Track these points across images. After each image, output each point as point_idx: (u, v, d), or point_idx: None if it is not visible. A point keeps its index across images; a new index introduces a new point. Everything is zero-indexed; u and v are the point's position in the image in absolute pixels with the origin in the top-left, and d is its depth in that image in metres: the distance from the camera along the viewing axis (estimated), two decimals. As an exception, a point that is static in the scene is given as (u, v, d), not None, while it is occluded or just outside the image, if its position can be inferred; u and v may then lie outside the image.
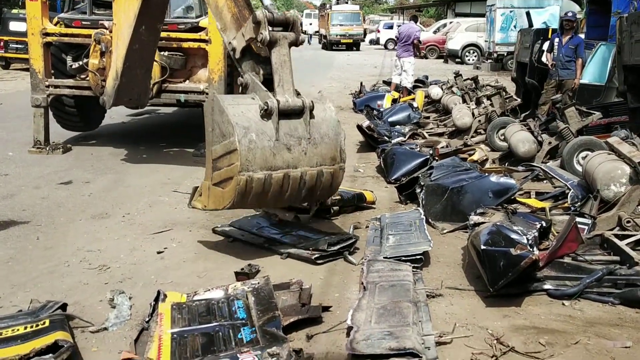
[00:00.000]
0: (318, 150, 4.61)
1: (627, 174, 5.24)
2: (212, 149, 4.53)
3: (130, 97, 7.68)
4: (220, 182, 4.49)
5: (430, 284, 4.19)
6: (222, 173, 4.43)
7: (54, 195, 6.35)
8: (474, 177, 5.88)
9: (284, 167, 4.44)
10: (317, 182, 4.66)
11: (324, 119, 4.71)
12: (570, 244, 4.38)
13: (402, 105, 11.84)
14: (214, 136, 4.50)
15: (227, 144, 4.33)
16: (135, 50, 7.02)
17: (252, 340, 3.27)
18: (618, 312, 3.83)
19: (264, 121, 4.40)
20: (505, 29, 24.30)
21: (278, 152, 4.41)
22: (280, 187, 4.48)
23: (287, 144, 4.46)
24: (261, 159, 4.33)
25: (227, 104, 4.38)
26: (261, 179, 4.34)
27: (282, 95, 4.53)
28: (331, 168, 4.70)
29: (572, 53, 10.08)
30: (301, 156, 4.52)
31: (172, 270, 4.49)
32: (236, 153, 4.25)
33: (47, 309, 3.57)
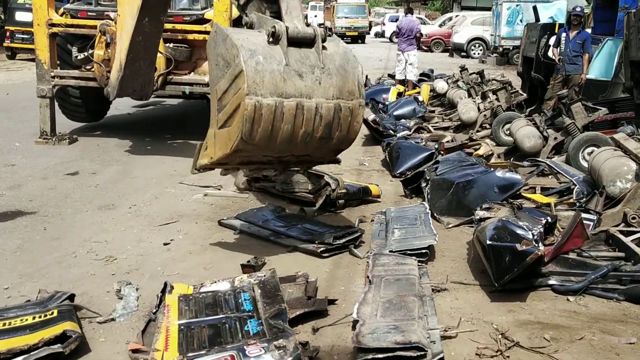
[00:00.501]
0: (334, 81, 4.13)
1: (633, 170, 5.25)
2: (217, 87, 4.14)
3: (134, 89, 7.70)
4: (226, 121, 4.09)
5: (435, 278, 4.21)
6: (228, 108, 4.03)
7: (61, 186, 6.37)
8: (480, 172, 5.88)
9: (296, 96, 3.97)
10: (334, 118, 4.16)
11: (337, 52, 4.27)
12: (575, 239, 4.39)
13: (408, 99, 11.82)
14: (218, 70, 4.09)
15: (231, 70, 3.91)
16: (138, 42, 7.03)
17: (258, 332, 3.28)
18: (623, 308, 3.84)
19: (271, 46, 3.99)
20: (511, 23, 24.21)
21: (289, 77, 3.95)
22: (294, 120, 4.00)
23: (298, 71, 3.99)
24: (270, 83, 3.88)
25: (230, 31, 4.05)
26: (271, 105, 3.88)
27: (290, 22, 4.10)
28: (349, 103, 4.19)
29: (579, 48, 10.06)
30: (315, 85, 4.04)
31: (179, 261, 4.51)
32: (242, 75, 3.81)
33: (55, 299, 3.60)
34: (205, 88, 8.37)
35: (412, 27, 14.09)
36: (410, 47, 14.08)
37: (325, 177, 5.73)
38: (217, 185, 6.46)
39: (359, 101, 4.26)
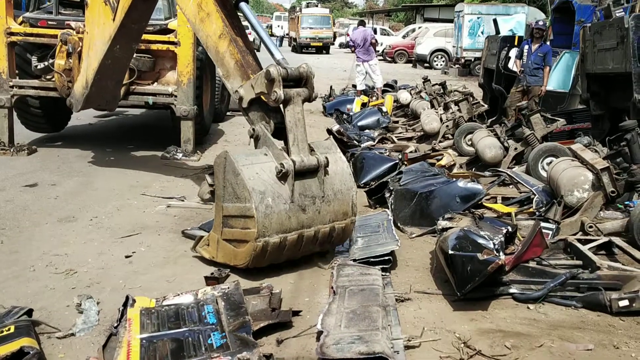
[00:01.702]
0: (331, 207, 4.52)
1: (589, 180, 5.39)
2: (224, 205, 4.38)
3: (99, 104, 7.63)
4: (232, 240, 4.40)
5: (399, 288, 4.24)
6: (236, 233, 4.34)
7: (19, 198, 6.23)
8: (442, 182, 5.96)
9: (298, 228, 4.35)
10: (329, 237, 4.60)
11: (336, 172, 4.60)
12: (535, 248, 4.48)
13: (372, 109, 11.94)
14: (226, 194, 4.36)
15: (242, 208, 4.22)
16: (107, 65, 6.96)
17: (222, 345, 3.26)
18: (580, 315, 3.93)
19: (279, 183, 4.29)
20: (472, 35, 24.70)
21: (293, 214, 4.31)
22: (294, 247, 4.41)
23: (301, 205, 4.35)
24: (277, 223, 4.23)
25: (241, 165, 4.24)
26: (277, 242, 4.25)
27: (297, 155, 4.39)
28: (343, 223, 4.61)
29: (540, 61, 10.34)
30: (315, 215, 4.43)
31: (141, 274, 4.45)
32: (253, 220, 4.14)
33: (12, 315, 3.51)
34: (169, 98, 8.32)
35: (366, 36, 14.24)
36: (368, 56, 14.22)
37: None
38: (181, 197, 6.40)
39: (352, 219, 4.69)
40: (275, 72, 4.44)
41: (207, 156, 8.57)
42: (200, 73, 8.76)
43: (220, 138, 10.19)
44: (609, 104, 7.96)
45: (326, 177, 4.52)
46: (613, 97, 7.82)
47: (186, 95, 8.26)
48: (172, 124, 8.98)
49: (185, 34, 8.12)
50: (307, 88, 4.67)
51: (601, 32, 7.61)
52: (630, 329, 3.74)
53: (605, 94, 7.95)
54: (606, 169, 5.27)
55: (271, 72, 4.44)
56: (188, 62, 8.21)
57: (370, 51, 14.25)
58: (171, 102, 8.34)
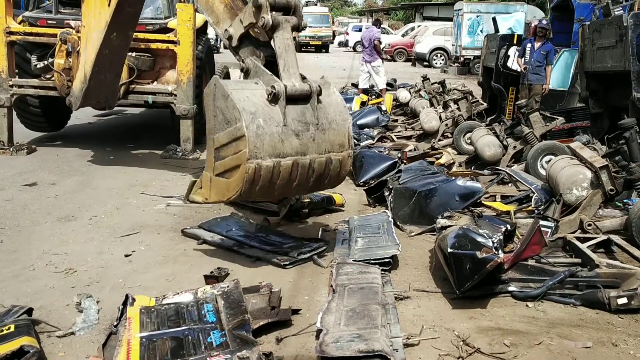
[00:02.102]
0: (326, 136, 4.40)
1: (588, 178, 5.39)
2: (215, 137, 4.29)
3: (98, 100, 7.62)
4: (224, 172, 4.28)
5: (398, 287, 4.25)
6: (227, 162, 4.21)
7: (19, 198, 6.23)
8: (441, 180, 5.97)
9: (292, 154, 4.23)
10: (325, 170, 4.47)
11: (330, 103, 4.51)
12: (534, 246, 4.50)
13: (371, 108, 11.92)
14: (217, 123, 4.26)
15: (232, 130, 4.11)
16: (105, 55, 6.96)
17: (221, 344, 3.27)
18: (579, 313, 3.94)
19: (271, 106, 4.19)
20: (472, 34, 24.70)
21: (286, 138, 4.20)
22: (289, 175, 4.27)
23: (295, 130, 4.24)
24: (270, 146, 4.11)
25: (231, 89, 4.15)
26: (270, 166, 4.12)
27: (288, 80, 4.31)
28: (339, 155, 4.49)
29: (542, 59, 10.39)
30: (309, 143, 4.31)
31: (141, 273, 4.46)
32: (244, 139, 4.03)
33: (12, 314, 3.52)
34: (169, 97, 8.33)
35: (370, 37, 14.22)
36: (370, 57, 14.20)
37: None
38: (180, 196, 6.40)
39: (348, 152, 4.56)
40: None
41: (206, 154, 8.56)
42: (200, 72, 8.76)
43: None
44: (607, 102, 7.96)
45: (320, 105, 4.41)
46: (612, 95, 7.82)
47: (186, 94, 8.27)
48: (171, 123, 8.99)
49: (184, 33, 8.12)
50: (295, 16, 4.61)
51: (600, 30, 7.61)
52: (629, 327, 3.75)
53: (604, 92, 7.95)
54: (605, 167, 5.28)
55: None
56: (188, 61, 8.21)
57: (373, 52, 14.21)
58: (171, 101, 8.35)
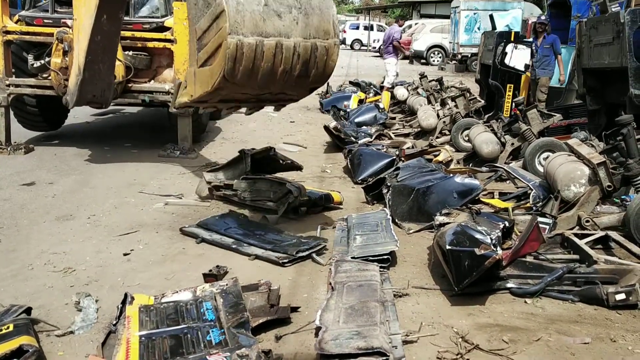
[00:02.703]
0: (310, 20, 4.29)
1: (586, 175, 5.40)
2: (196, 27, 4.25)
3: (94, 94, 7.55)
4: (207, 60, 4.22)
5: (397, 284, 4.25)
6: (209, 46, 4.15)
7: (17, 197, 6.23)
8: (439, 178, 5.97)
9: (275, 35, 4.13)
10: (311, 56, 4.34)
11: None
12: (532, 243, 4.50)
13: (369, 106, 11.95)
14: (197, 10, 4.22)
15: (212, 10, 4.06)
16: (97, 42, 6.93)
17: (221, 342, 3.27)
18: (578, 309, 3.94)
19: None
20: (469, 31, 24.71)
21: (268, 17, 4.10)
22: (273, 58, 4.16)
23: (277, 11, 4.15)
24: (251, 23, 4.03)
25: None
26: (252, 44, 4.03)
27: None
28: (325, 42, 4.37)
29: (549, 51, 10.56)
30: (293, 25, 4.21)
31: (139, 272, 4.46)
32: (224, 15, 3.96)
33: (11, 313, 3.52)
34: (166, 96, 8.32)
35: (390, 35, 14.46)
36: (386, 55, 14.45)
37: (287, 185, 5.75)
38: (178, 194, 6.41)
39: (334, 40, 4.43)
40: None
41: (204, 154, 8.58)
42: (197, 71, 8.74)
43: (217, 135, 10.19)
44: (605, 98, 7.97)
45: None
46: (609, 91, 7.83)
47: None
48: (169, 122, 8.99)
49: (181, 32, 8.09)
50: None
51: (597, 27, 7.62)
52: (627, 322, 3.75)
53: (601, 88, 7.97)
54: (602, 164, 5.28)
55: None
56: (185, 59, 8.16)
57: (390, 50, 14.42)
58: (168, 99, 8.33)
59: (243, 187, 5.98)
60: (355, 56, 33.59)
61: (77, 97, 7.35)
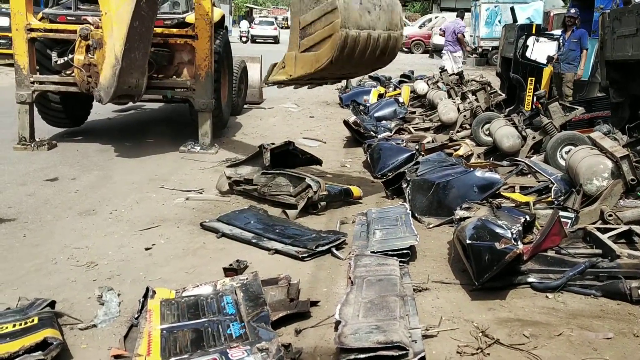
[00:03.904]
0: (387, 16, 5.33)
1: (609, 168, 5.33)
2: (300, 18, 5.20)
3: (130, 84, 7.60)
4: (312, 46, 5.15)
5: (416, 278, 4.25)
6: (317, 35, 5.09)
7: (40, 192, 6.32)
8: (460, 172, 5.94)
9: (367, 28, 5.15)
10: (387, 45, 5.40)
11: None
12: (553, 237, 4.45)
13: (388, 100, 11.90)
14: (303, 5, 5.18)
15: (324, 7, 5.02)
16: (135, 28, 7.07)
17: (241, 335, 3.30)
18: (600, 304, 3.90)
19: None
20: (490, 24, 24.48)
21: (363, 13, 5.12)
22: (365, 46, 5.16)
23: (367, 8, 5.17)
24: (353, 18, 5.03)
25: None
26: (355, 36, 5.01)
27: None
28: (396, 33, 5.44)
29: (576, 46, 10.43)
30: (376, 19, 5.24)
31: (161, 266, 4.50)
32: (336, 12, 4.92)
33: (36, 307, 3.57)
34: (187, 92, 8.38)
35: (454, 29, 14.70)
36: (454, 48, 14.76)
37: (307, 180, 5.76)
38: (199, 189, 6.45)
39: (400, 32, 5.53)
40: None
41: (224, 149, 8.62)
42: (218, 66, 8.80)
43: (238, 131, 10.24)
44: (628, 91, 7.84)
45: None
46: (633, 84, 7.70)
47: (204, 88, 8.31)
48: (190, 118, 9.05)
49: (202, 28, 8.16)
50: None
51: (620, 18, 7.49)
52: (651, 318, 3.71)
53: (624, 81, 7.84)
54: (626, 157, 5.21)
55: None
56: (206, 55, 8.25)
57: (456, 44, 14.78)
58: (189, 95, 8.39)
59: (263, 182, 6.01)
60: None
61: (114, 89, 7.37)
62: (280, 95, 13.87)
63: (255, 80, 13.05)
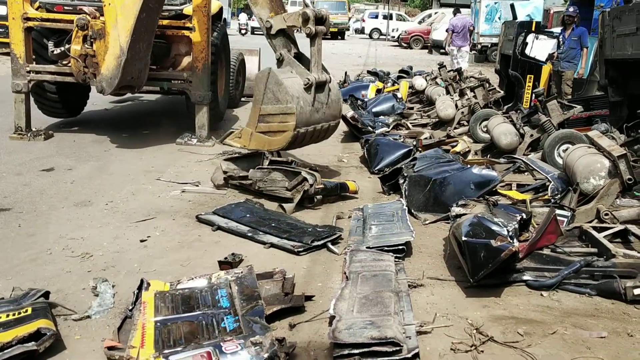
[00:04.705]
0: (330, 111, 6.40)
1: (606, 167, 5.33)
2: (262, 106, 5.97)
3: (132, 75, 7.57)
4: (267, 132, 6.01)
5: (412, 274, 4.25)
6: (273, 126, 5.97)
7: (36, 182, 6.30)
8: (457, 168, 5.94)
9: (314, 123, 6.17)
10: (327, 131, 6.59)
11: (333, 87, 6.47)
12: (549, 235, 4.45)
13: (386, 95, 11.88)
14: (266, 98, 5.92)
15: (282, 107, 5.87)
16: (142, 20, 7.07)
17: (235, 329, 3.29)
18: (595, 303, 3.91)
19: (306, 93, 6.02)
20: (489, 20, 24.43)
21: (312, 114, 6.10)
22: (311, 135, 6.24)
23: (317, 108, 6.16)
24: (305, 119, 5.99)
25: (283, 78, 5.89)
26: (304, 132, 6.03)
27: (316, 73, 6.14)
28: (334, 122, 6.61)
29: (576, 44, 10.40)
30: (322, 116, 6.28)
31: (156, 258, 4.49)
32: (293, 116, 5.84)
33: (30, 297, 3.56)
34: (184, 84, 8.34)
35: (466, 24, 15.24)
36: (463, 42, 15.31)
37: (303, 173, 5.75)
38: (195, 182, 6.44)
39: (338, 120, 6.76)
40: (311, 14, 6.12)
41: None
42: (215, 59, 8.77)
43: (235, 124, 10.20)
44: (627, 90, 7.84)
45: (329, 90, 6.34)
46: (632, 83, 7.70)
47: (201, 80, 8.28)
48: (187, 110, 9.02)
49: (200, 20, 8.12)
50: (324, 26, 6.30)
51: (620, 17, 7.48)
52: (645, 317, 3.71)
53: (623, 80, 7.83)
54: (623, 156, 5.20)
55: (308, 13, 6.14)
56: (203, 47, 8.21)
57: (467, 37, 15.30)
58: (186, 87, 8.36)
59: (258, 176, 5.99)
60: (374, 45, 33.41)
61: (119, 79, 7.34)
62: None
63: (253, 73, 12.94)
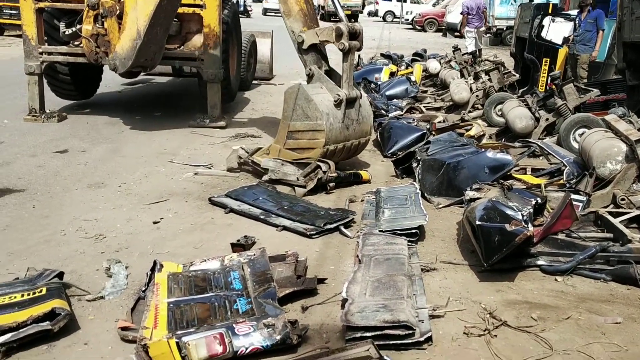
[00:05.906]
0: (361, 127, 6.30)
1: (623, 152, 5.26)
2: (291, 123, 5.92)
3: (146, 58, 7.58)
4: (296, 149, 5.93)
5: (425, 258, 4.23)
6: (302, 143, 5.91)
7: (50, 164, 6.33)
8: (471, 152, 5.88)
9: (343, 141, 6.07)
10: (358, 148, 6.44)
11: (363, 103, 6.36)
12: (564, 220, 4.41)
13: (400, 78, 11.77)
14: (295, 114, 5.88)
15: (312, 124, 5.83)
16: (162, 7, 7.02)
17: (247, 310, 3.30)
18: (610, 288, 3.87)
19: (335, 109, 5.93)
20: (505, 3, 24.09)
21: (342, 131, 6.01)
22: (340, 152, 6.10)
23: (347, 125, 6.07)
24: (334, 136, 5.90)
25: (313, 94, 5.86)
26: (333, 149, 5.93)
27: (347, 89, 6.03)
28: (365, 139, 6.48)
29: (592, 27, 10.24)
30: (352, 132, 6.18)
31: (168, 240, 4.50)
32: (322, 133, 5.79)
33: (44, 277, 3.59)
34: (196, 62, 8.32)
35: (479, 4, 15.15)
36: (479, 23, 15.25)
37: (316, 160, 5.72)
38: (208, 164, 6.43)
39: (369, 137, 6.59)
40: (344, 29, 6.03)
41: (233, 124, 8.59)
42: (227, 36, 8.74)
43: (246, 106, 10.19)
44: (645, 73, 7.71)
45: (360, 106, 6.23)
46: (650, 66, 7.57)
47: (212, 58, 8.25)
48: (199, 91, 9.00)
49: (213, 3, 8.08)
50: (358, 41, 6.23)
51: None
52: (661, 303, 3.67)
53: (642, 63, 7.70)
54: (641, 141, 5.13)
55: (342, 28, 6.04)
56: (214, 24, 8.18)
57: (482, 18, 15.28)
58: (198, 65, 8.34)
59: (271, 166, 5.87)
60: (388, 28, 33.12)
61: (133, 61, 7.36)
62: (292, 72, 13.76)
63: (265, 55, 12.95)
